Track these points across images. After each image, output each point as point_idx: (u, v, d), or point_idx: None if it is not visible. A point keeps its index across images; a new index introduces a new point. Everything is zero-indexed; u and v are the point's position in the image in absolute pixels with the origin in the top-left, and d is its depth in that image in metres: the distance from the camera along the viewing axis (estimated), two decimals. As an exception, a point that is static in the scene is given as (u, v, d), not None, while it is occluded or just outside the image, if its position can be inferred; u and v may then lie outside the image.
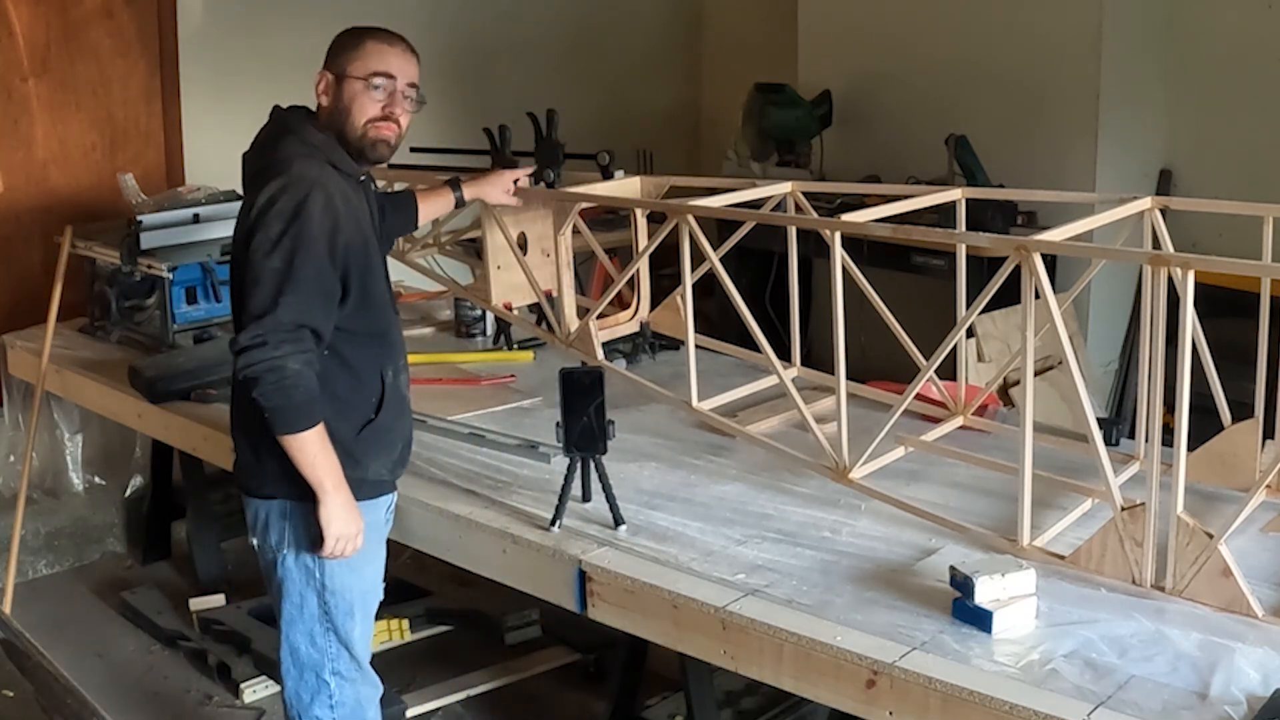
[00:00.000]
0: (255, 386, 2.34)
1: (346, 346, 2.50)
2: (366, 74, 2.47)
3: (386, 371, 2.57)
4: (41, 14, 4.67)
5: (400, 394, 2.63)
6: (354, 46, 2.50)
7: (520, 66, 6.02)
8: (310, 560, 2.53)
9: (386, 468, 2.62)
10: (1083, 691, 2.01)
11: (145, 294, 4.30)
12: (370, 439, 2.55)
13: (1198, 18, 5.06)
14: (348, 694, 2.64)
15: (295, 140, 2.48)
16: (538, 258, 3.53)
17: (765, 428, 3.15)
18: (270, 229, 2.36)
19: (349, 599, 2.58)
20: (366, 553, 2.57)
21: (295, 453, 2.39)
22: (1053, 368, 4.57)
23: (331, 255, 2.39)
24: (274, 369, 2.33)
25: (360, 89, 2.48)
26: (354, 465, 2.51)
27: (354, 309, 2.48)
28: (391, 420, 2.59)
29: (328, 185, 2.41)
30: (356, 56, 2.49)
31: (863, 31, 5.76)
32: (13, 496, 4.36)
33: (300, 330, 2.36)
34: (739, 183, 3.47)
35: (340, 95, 2.49)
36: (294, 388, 2.34)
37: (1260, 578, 2.35)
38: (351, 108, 2.49)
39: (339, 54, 2.51)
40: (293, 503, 2.50)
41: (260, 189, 2.40)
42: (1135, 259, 2.78)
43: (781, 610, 2.32)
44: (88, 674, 3.74)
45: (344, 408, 2.50)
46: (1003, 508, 2.66)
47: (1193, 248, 2.55)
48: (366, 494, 2.55)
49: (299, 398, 2.35)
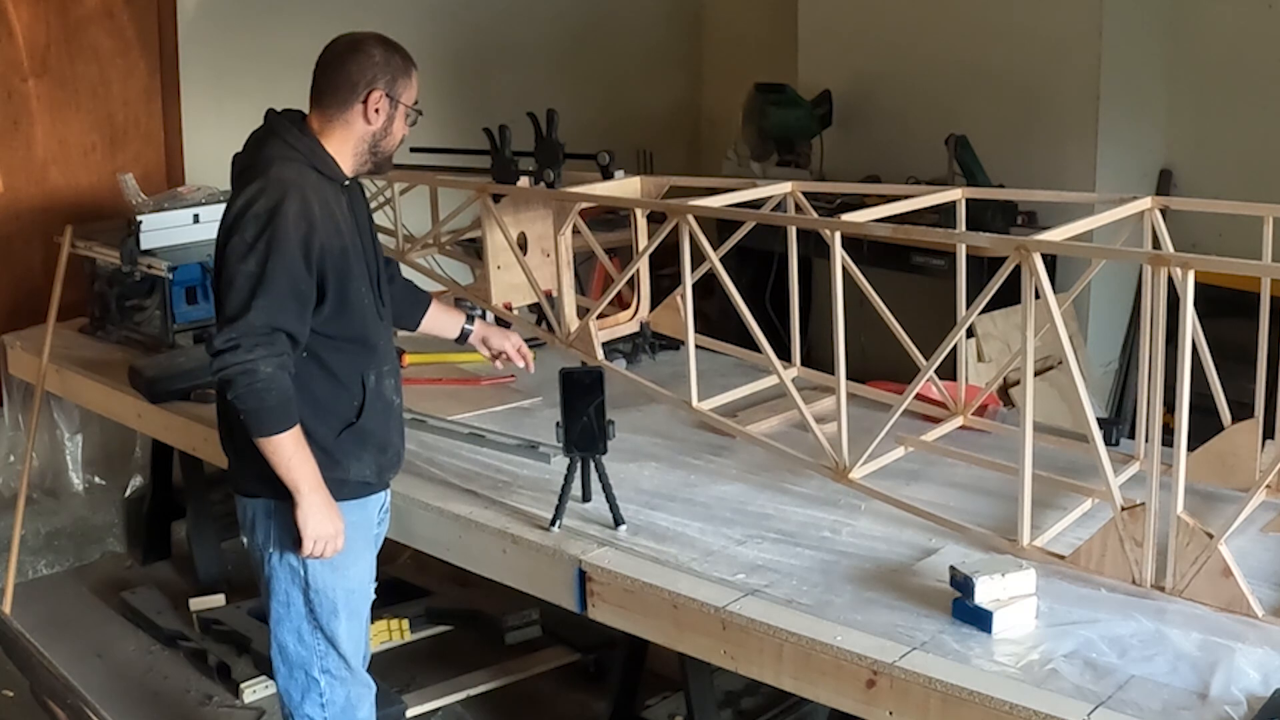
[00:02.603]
0: (229, 389, 2.37)
1: (325, 350, 2.51)
2: (413, 103, 2.58)
3: (368, 376, 2.57)
4: (41, 14, 4.67)
5: (385, 399, 2.62)
6: (406, 74, 2.56)
7: (520, 66, 6.02)
8: (294, 560, 2.55)
9: (371, 470, 2.61)
10: (1083, 691, 2.01)
11: (145, 294, 4.30)
12: (351, 441, 2.56)
13: (1198, 18, 5.06)
14: (338, 692, 2.65)
15: (279, 143, 2.49)
16: (538, 258, 3.53)
17: (765, 428, 3.15)
18: (245, 232, 2.38)
19: (332, 598, 2.59)
20: (351, 553, 2.58)
21: (270, 454, 2.41)
22: (1053, 368, 4.57)
23: (306, 259, 2.40)
24: (246, 372, 2.35)
25: (402, 114, 2.57)
26: (334, 466, 2.52)
27: (332, 313, 2.49)
28: (374, 424, 2.59)
29: (304, 189, 2.42)
30: (409, 85, 2.57)
31: (863, 31, 5.76)
32: (13, 496, 4.36)
33: (274, 334, 2.37)
34: (739, 183, 3.47)
35: (392, 119, 2.56)
36: (266, 390, 2.36)
37: (1260, 578, 2.35)
38: (394, 131, 2.58)
39: (395, 79, 2.54)
40: (276, 502, 2.51)
41: (239, 192, 2.44)
42: (1135, 259, 2.78)
43: (781, 610, 2.32)
44: (88, 674, 3.74)
45: (323, 410, 2.51)
46: (1003, 508, 2.66)
47: (1193, 248, 2.55)
48: (349, 495, 2.56)
49: (271, 400, 2.37)
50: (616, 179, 3.57)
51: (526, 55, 6.10)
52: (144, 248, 4.13)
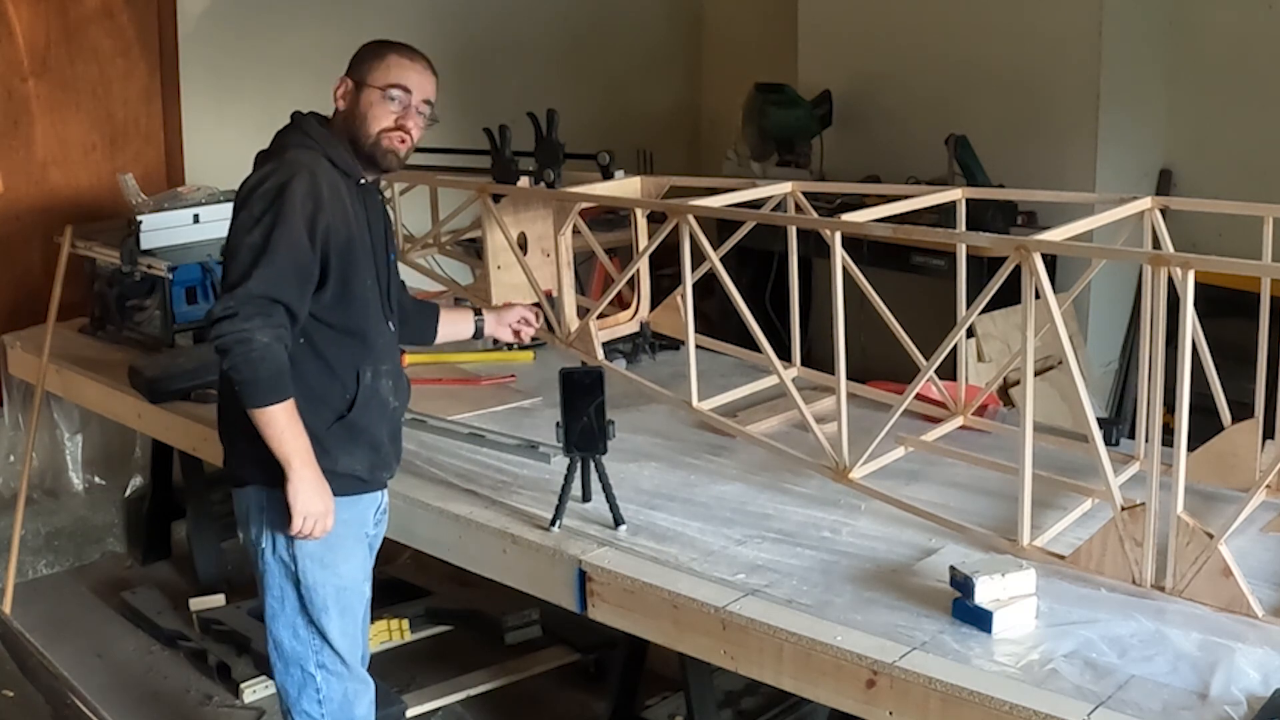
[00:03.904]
0: (225, 358, 2.37)
1: (322, 338, 2.51)
2: (385, 85, 2.54)
3: (364, 372, 2.56)
4: (41, 14, 4.67)
5: (380, 397, 2.61)
6: (377, 57, 2.56)
7: (520, 66, 6.02)
8: (286, 555, 2.56)
9: (362, 466, 2.60)
10: (1083, 691, 2.01)
11: (145, 294, 4.30)
12: (341, 434, 2.55)
13: (1198, 18, 5.06)
14: (334, 688, 2.64)
15: (298, 133, 2.55)
16: (538, 258, 3.53)
17: (765, 428, 3.15)
18: (254, 208, 2.41)
19: (323, 594, 2.59)
20: (341, 551, 2.58)
21: (264, 427, 2.40)
22: (1053, 368, 4.57)
23: (311, 235, 2.42)
24: (242, 340, 2.34)
25: (377, 98, 2.54)
26: (323, 454, 2.51)
27: (333, 300, 2.49)
28: (366, 420, 2.58)
29: (316, 171, 2.46)
30: (378, 67, 2.55)
31: (863, 31, 5.76)
32: (13, 496, 4.36)
33: (273, 305, 2.37)
34: (739, 183, 3.47)
35: (358, 102, 2.55)
36: (261, 360, 2.35)
37: (1260, 578, 2.35)
38: (367, 115, 2.55)
39: (362, 63, 2.57)
40: (268, 492, 2.51)
41: (254, 173, 2.49)
42: (1135, 259, 2.78)
43: (781, 610, 2.32)
44: (88, 674, 3.74)
45: (314, 398, 2.51)
46: (1003, 508, 2.66)
47: (1193, 248, 2.55)
48: (339, 490, 2.54)
49: (265, 371, 2.36)
50: (616, 179, 3.58)
51: (526, 55, 6.10)
52: (144, 248, 4.13)
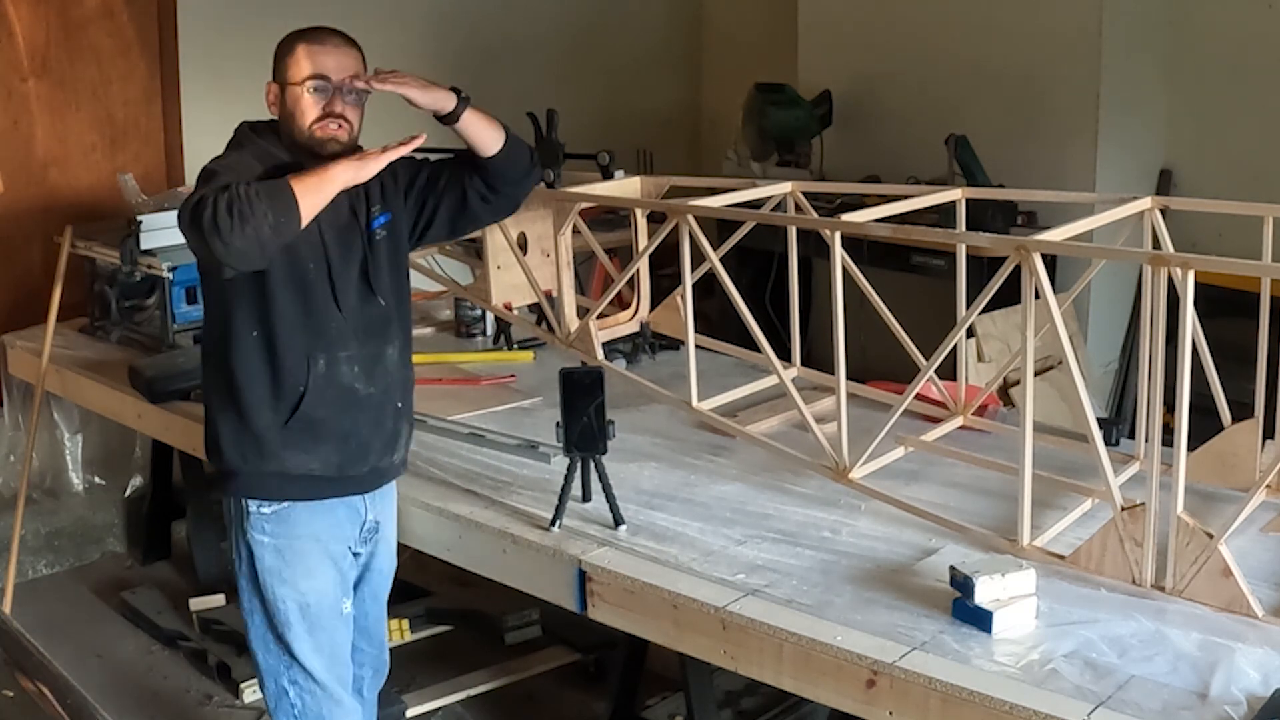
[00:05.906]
0: (218, 232, 2.20)
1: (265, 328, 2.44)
2: (302, 80, 2.49)
3: (316, 359, 2.47)
4: (41, 14, 4.67)
5: (341, 385, 2.50)
6: (288, 53, 2.52)
7: (520, 66, 6.02)
8: (248, 568, 2.56)
9: (321, 463, 2.51)
10: (1083, 691, 2.01)
11: (145, 294, 4.30)
12: (298, 431, 2.48)
13: (1198, 18, 5.06)
14: (310, 705, 2.61)
15: (243, 131, 2.59)
16: (538, 258, 3.52)
17: (765, 428, 3.15)
18: (199, 183, 2.40)
19: (284, 610, 2.55)
20: (301, 566, 2.54)
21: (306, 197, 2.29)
22: (1053, 368, 4.57)
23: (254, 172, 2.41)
24: (218, 198, 2.21)
25: (300, 94, 2.49)
26: (270, 458, 2.47)
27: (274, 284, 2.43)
28: (325, 412, 2.49)
29: (246, 149, 2.50)
30: (292, 63, 2.51)
31: (863, 31, 5.76)
32: (13, 496, 4.36)
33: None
34: (739, 183, 3.47)
35: (284, 103, 2.52)
36: (250, 190, 2.23)
37: (1260, 578, 2.35)
38: (295, 112, 2.50)
39: (278, 62, 2.54)
40: (234, 502, 2.52)
41: None
42: (1135, 259, 2.78)
43: (781, 610, 2.32)
44: (88, 674, 3.74)
45: (262, 392, 2.46)
46: (1003, 508, 2.66)
47: (1193, 248, 2.55)
48: (297, 494, 2.51)
49: (261, 189, 2.25)
50: (616, 179, 3.58)
51: (526, 55, 6.09)
52: (144, 248, 4.12)
